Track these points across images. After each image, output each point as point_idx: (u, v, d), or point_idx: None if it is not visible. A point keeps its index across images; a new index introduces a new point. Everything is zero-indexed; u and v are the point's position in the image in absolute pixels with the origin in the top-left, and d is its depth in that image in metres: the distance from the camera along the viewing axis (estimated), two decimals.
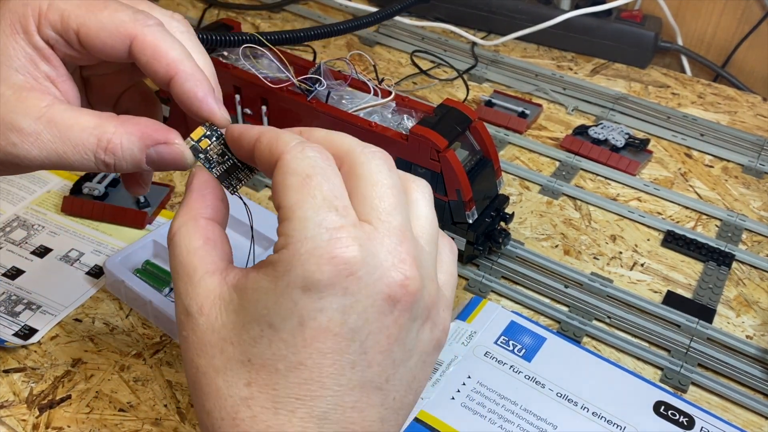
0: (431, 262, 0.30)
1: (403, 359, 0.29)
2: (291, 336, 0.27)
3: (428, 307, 0.29)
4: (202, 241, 0.30)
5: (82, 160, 0.31)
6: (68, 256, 0.53)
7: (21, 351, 0.46)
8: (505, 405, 0.43)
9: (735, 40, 0.82)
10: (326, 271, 0.26)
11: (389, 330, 0.28)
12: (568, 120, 0.71)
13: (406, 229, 0.28)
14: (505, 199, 0.54)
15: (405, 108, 0.53)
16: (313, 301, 0.26)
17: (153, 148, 0.32)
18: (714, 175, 0.65)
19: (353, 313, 0.27)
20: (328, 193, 0.27)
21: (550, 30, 0.78)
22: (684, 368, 0.47)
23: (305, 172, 0.28)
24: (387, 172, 0.29)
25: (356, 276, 0.26)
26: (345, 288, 0.26)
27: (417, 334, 0.29)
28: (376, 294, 0.27)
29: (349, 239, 0.26)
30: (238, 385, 0.28)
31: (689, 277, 0.54)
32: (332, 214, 0.27)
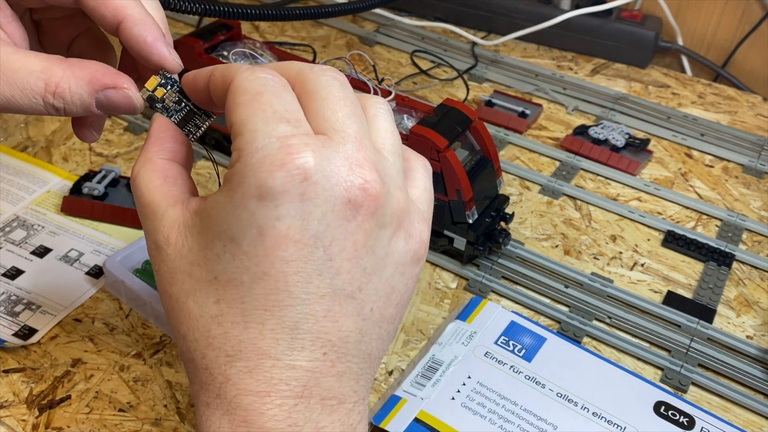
0: (395, 172, 0.30)
1: (375, 268, 0.28)
2: (252, 247, 0.27)
3: (398, 215, 0.29)
4: (162, 180, 0.31)
5: (31, 104, 0.30)
6: (68, 256, 0.53)
7: (21, 351, 0.46)
8: (505, 405, 0.43)
9: (735, 40, 0.82)
10: (278, 177, 0.26)
11: (354, 236, 0.27)
12: (569, 120, 0.71)
13: (363, 137, 0.28)
14: (505, 199, 0.54)
15: (405, 108, 0.53)
16: (269, 209, 0.26)
17: (102, 92, 0.31)
18: (714, 175, 0.65)
19: (313, 219, 0.26)
20: (278, 107, 0.27)
21: (551, 30, 0.78)
22: (684, 368, 0.47)
23: (255, 89, 0.28)
24: (339, 86, 0.29)
25: (311, 181, 0.26)
26: (301, 194, 0.26)
27: (389, 243, 0.29)
28: (335, 198, 0.27)
29: (301, 145, 0.26)
30: (208, 303, 0.28)
31: (689, 277, 0.54)
32: (283, 124, 0.27)
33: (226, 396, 0.27)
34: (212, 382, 0.28)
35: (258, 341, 0.27)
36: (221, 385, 0.28)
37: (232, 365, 0.27)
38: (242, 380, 0.27)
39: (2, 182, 0.59)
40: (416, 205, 0.31)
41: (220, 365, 0.28)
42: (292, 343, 0.27)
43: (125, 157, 0.63)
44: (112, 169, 0.58)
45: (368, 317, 0.29)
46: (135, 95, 0.32)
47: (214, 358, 0.28)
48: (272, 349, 0.27)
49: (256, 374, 0.27)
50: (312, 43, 0.79)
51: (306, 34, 0.82)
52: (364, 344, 0.29)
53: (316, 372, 0.28)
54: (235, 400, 0.27)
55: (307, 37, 0.82)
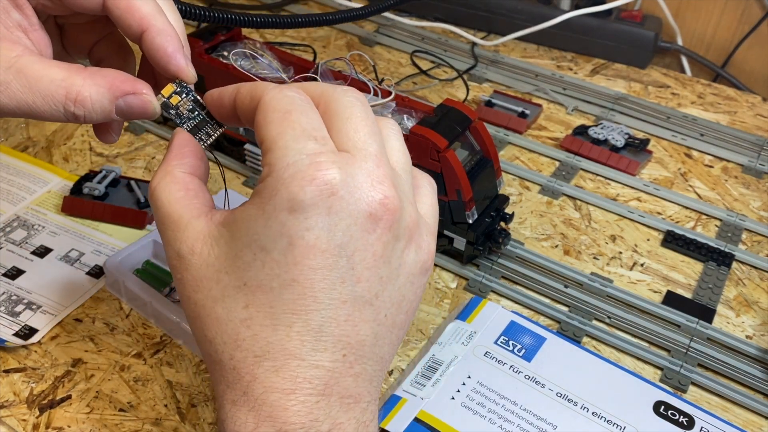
0: (408, 188, 0.32)
1: (390, 277, 0.31)
2: (282, 256, 0.28)
3: (410, 228, 0.31)
4: (183, 192, 0.32)
5: (52, 111, 0.32)
6: (68, 256, 0.53)
7: (21, 351, 0.46)
8: (505, 405, 0.43)
9: (735, 40, 0.82)
10: (309, 191, 0.28)
11: (374, 247, 0.30)
12: (568, 120, 0.71)
13: (382, 155, 0.30)
14: (505, 199, 0.54)
15: (405, 108, 0.53)
16: (299, 221, 0.28)
17: (122, 98, 0.32)
18: (714, 175, 0.65)
19: (338, 231, 0.29)
20: (306, 125, 0.29)
21: (550, 30, 0.78)
22: (684, 368, 0.47)
23: (284, 108, 0.30)
24: (360, 106, 0.31)
25: (338, 195, 0.28)
26: (328, 207, 0.28)
27: (401, 254, 0.31)
28: (359, 212, 0.29)
29: (328, 162, 0.28)
30: (237, 309, 0.30)
31: (689, 277, 0.54)
32: (311, 142, 0.29)
33: (253, 393, 0.29)
34: (239, 381, 0.29)
35: (285, 342, 0.29)
36: (248, 384, 0.29)
37: (260, 365, 0.29)
38: (269, 378, 0.29)
39: (3, 182, 0.59)
40: (425, 220, 0.33)
41: (249, 365, 0.29)
42: (316, 345, 0.29)
43: (125, 157, 0.63)
44: (113, 169, 0.58)
45: (383, 323, 0.31)
46: (153, 101, 0.33)
47: (242, 359, 0.29)
48: (298, 349, 0.29)
49: (283, 373, 0.29)
50: (312, 44, 0.79)
51: (306, 35, 0.82)
52: (378, 348, 0.31)
53: (336, 372, 0.29)
54: (262, 397, 0.29)
55: (307, 37, 0.82)
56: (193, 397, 0.44)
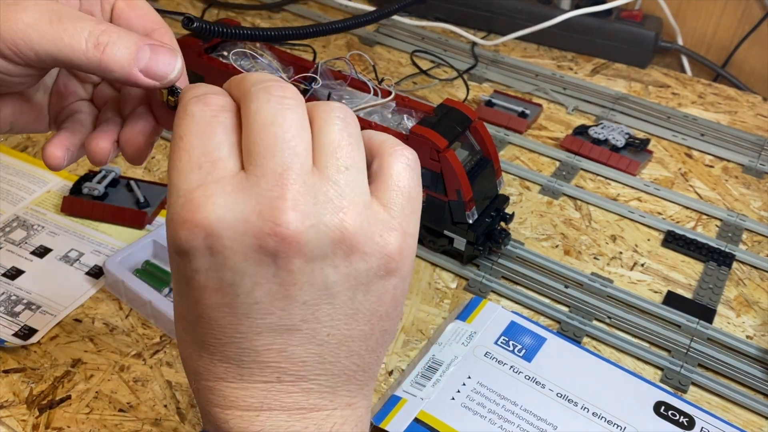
0: (339, 191, 0.27)
1: (320, 297, 0.28)
2: (186, 294, 0.28)
3: (337, 240, 0.27)
4: None
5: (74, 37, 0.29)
6: (68, 256, 0.53)
7: (21, 351, 0.46)
8: (505, 405, 0.43)
9: (735, 39, 0.82)
10: (183, 236, 0.26)
11: (279, 277, 0.27)
12: (569, 120, 0.71)
13: (288, 167, 0.26)
14: (505, 199, 0.54)
15: (405, 108, 0.53)
16: (185, 263, 0.27)
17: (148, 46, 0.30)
18: (714, 175, 0.65)
19: (226, 270, 0.26)
20: (197, 149, 0.27)
21: (550, 30, 0.78)
22: (684, 368, 0.47)
23: (179, 133, 0.28)
24: (273, 106, 0.27)
25: (215, 235, 0.26)
26: (209, 247, 0.26)
27: (335, 271, 0.27)
28: (246, 247, 0.26)
29: (202, 198, 0.26)
30: (179, 328, 0.30)
31: (689, 278, 0.54)
32: (194, 173, 0.26)
33: (199, 403, 0.30)
34: (192, 389, 0.30)
35: (211, 367, 0.29)
36: (195, 395, 0.30)
37: (198, 382, 0.30)
38: (206, 395, 0.29)
39: (2, 182, 0.59)
40: (381, 215, 0.28)
41: (192, 379, 0.30)
42: (240, 371, 0.28)
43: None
44: (112, 169, 0.58)
45: (326, 341, 0.29)
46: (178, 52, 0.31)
47: (188, 372, 0.30)
48: (224, 374, 0.29)
49: (216, 392, 0.29)
50: (312, 43, 0.79)
51: None
52: (330, 364, 0.29)
53: (273, 391, 0.29)
54: (205, 408, 0.30)
55: None
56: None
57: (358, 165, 0.28)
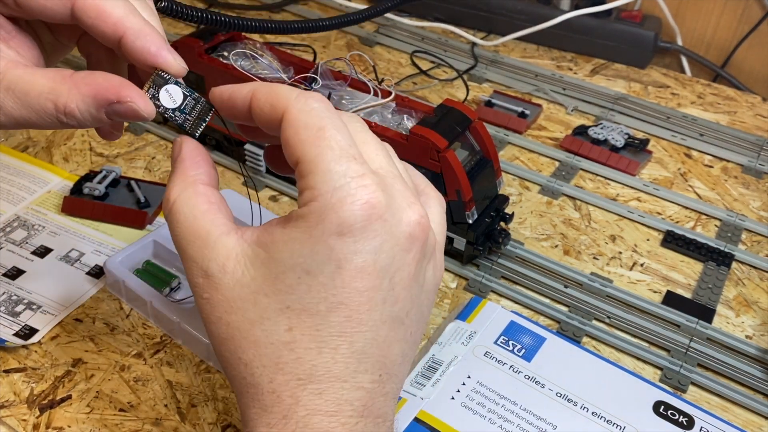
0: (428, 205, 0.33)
1: (418, 295, 0.31)
2: (330, 279, 0.28)
3: (433, 246, 0.32)
4: (207, 206, 0.31)
5: (48, 123, 0.31)
6: (68, 256, 0.53)
7: (21, 351, 0.46)
8: (504, 405, 0.43)
9: (735, 40, 0.82)
10: (359, 216, 0.28)
11: (410, 267, 0.30)
12: (568, 120, 0.71)
13: (401, 176, 0.31)
14: (505, 199, 0.54)
15: (405, 108, 0.53)
16: (347, 245, 0.28)
17: (109, 107, 0.31)
18: (713, 175, 0.65)
19: (382, 253, 0.29)
20: (343, 143, 0.29)
21: (550, 30, 0.78)
22: (684, 368, 0.47)
23: (316, 124, 0.29)
24: (369, 131, 0.31)
25: (383, 218, 0.28)
26: (375, 230, 0.28)
27: (425, 273, 0.31)
28: (400, 233, 0.29)
29: (373, 185, 0.28)
30: (279, 331, 0.29)
31: (689, 277, 0.54)
32: (353, 163, 0.28)
33: (294, 416, 0.29)
34: (279, 404, 0.29)
35: (330, 365, 0.29)
36: (290, 407, 0.29)
37: (303, 388, 0.29)
38: (313, 401, 0.29)
39: (3, 182, 0.59)
40: (438, 237, 0.33)
41: (291, 388, 0.29)
42: (358, 366, 0.29)
43: (126, 157, 0.63)
44: (113, 169, 0.58)
45: (409, 341, 0.31)
46: (141, 106, 0.31)
47: (284, 382, 0.29)
48: (342, 372, 0.29)
49: (327, 395, 0.29)
50: (312, 44, 0.79)
51: (306, 35, 0.82)
52: (404, 366, 0.31)
53: (373, 393, 0.29)
54: (304, 420, 0.28)
55: (307, 37, 0.82)
56: (193, 397, 0.44)
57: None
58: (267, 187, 0.61)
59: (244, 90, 0.31)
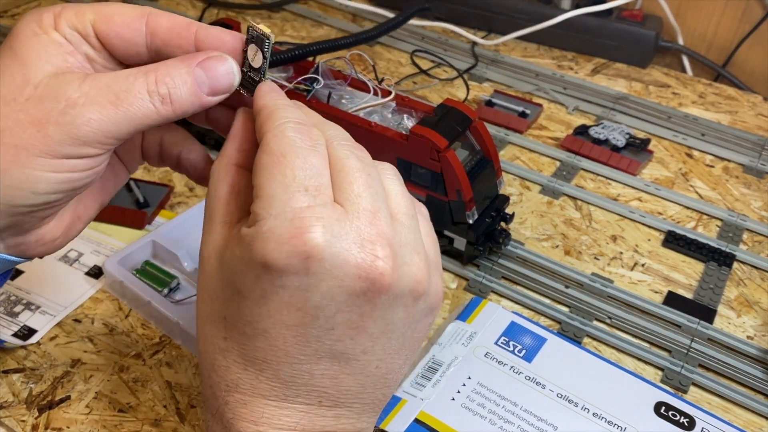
0: (413, 235, 0.30)
1: (384, 331, 0.29)
2: (255, 305, 0.28)
3: (417, 280, 0.29)
4: (228, 189, 0.31)
5: (138, 101, 0.29)
6: (67, 256, 0.53)
7: (20, 351, 0.46)
8: (505, 406, 0.43)
9: (736, 39, 0.82)
10: (285, 251, 0.26)
11: (362, 308, 0.28)
12: (569, 120, 0.71)
13: (378, 209, 0.28)
14: (506, 199, 0.54)
15: (405, 108, 0.53)
16: (273, 278, 0.27)
17: (198, 66, 0.31)
18: (715, 175, 0.65)
19: (316, 292, 0.27)
20: (300, 172, 0.28)
21: (551, 30, 0.78)
22: (685, 369, 0.47)
23: (280, 151, 0.28)
24: (356, 158, 0.29)
25: (317, 258, 0.27)
26: (306, 268, 0.27)
27: (405, 309, 0.29)
28: (344, 275, 0.27)
29: (312, 219, 0.27)
30: (217, 336, 0.29)
31: (690, 278, 0.54)
32: (300, 194, 0.27)
33: (224, 417, 0.29)
34: (214, 400, 0.30)
35: (255, 382, 0.29)
36: (220, 407, 0.30)
37: (230, 395, 0.29)
38: (237, 408, 0.29)
39: None
40: (430, 258, 0.31)
41: (221, 390, 0.29)
42: (286, 392, 0.29)
43: None
44: None
45: (373, 373, 0.30)
46: (229, 57, 0.31)
47: (216, 383, 0.30)
48: (267, 392, 0.29)
49: (251, 407, 0.29)
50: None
51: (306, 34, 0.82)
52: (366, 395, 0.30)
53: (311, 413, 0.29)
54: (231, 422, 0.29)
55: (307, 36, 0.82)
56: (192, 398, 0.44)
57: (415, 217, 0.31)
58: None
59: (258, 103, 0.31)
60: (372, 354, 0.29)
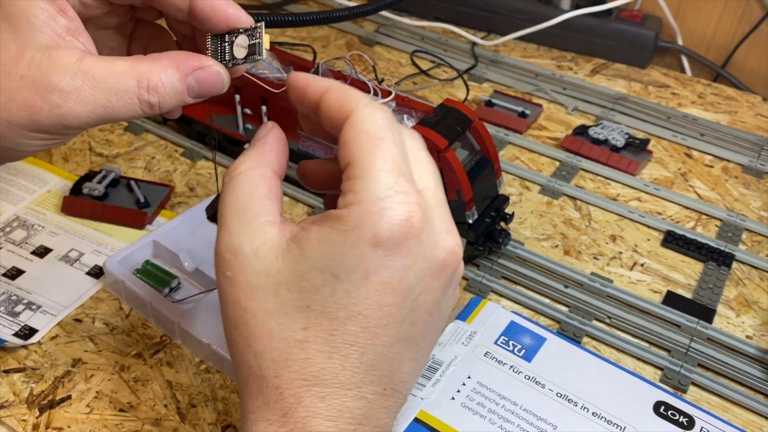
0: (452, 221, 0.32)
1: (436, 320, 0.31)
2: (354, 287, 0.28)
3: (460, 275, 0.32)
4: (267, 190, 0.31)
5: (127, 105, 0.31)
6: (68, 256, 0.53)
7: (21, 351, 0.46)
8: (505, 405, 0.43)
9: (735, 40, 0.82)
10: (396, 231, 0.28)
11: (435, 292, 0.30)
12: (569, 120, 0.71)
13: (446, 202, 0.31)
14: (505, 199, 0.54)
15: (405, 108, 0.53)
16: (379, 257, 0.28)
17: (191, 76, 0.32)
18: (714, 175, 0.65)
19: (411, 273, 0.29)
20: (398, 158, 0.29)
21: (550, 30, 0.78)
22: (684, 368, 0.47)
23: (377, 133, 0.29)
24: (426, 150, 0.32)
25: (419, 239, 0.28)
26: (408, 249, 0.28)
27: (447, 299, 0.32)
28: (432, 258, 0.29)
29: (415, 204, 0.28)
30: (294, 328, 0.29)
31: (689, 277, 0.54)
32: (402, 179, 0.29)
33: (294, 416, 0.29)
34: (281, 401, 0.29)
35: (338, 371, 0.29)
36: (291, 406, 0.29)
37: (308, 389, 0.29)
38: (314, 404, 0.29)
39: (2, 182, 0.59)
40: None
41: (295, 387, 0.29)
42: (365, 377, 0.29)
43: (125, 157, 0.63)
44: (113, 169, 0.58)
45: (420, 362, 0.31)
46: (222, 71, 0.33)
47: (289, 380, 0.29)
48: (348, 380, 0.29)
49: (329, 400, 0.29)
50: (312, 43, 0.79)
51: (306, 34, 0.82)
52: (410, 384, 0.32)
53: (374, 404, 0.30)
54: (303, 421, 0.29)
55: (307, 37, 0.82)
56: (192, 398, 0.44)
57: None
58: None
59: (319, 83, 0.31)
60: (426, 341, 0.31)
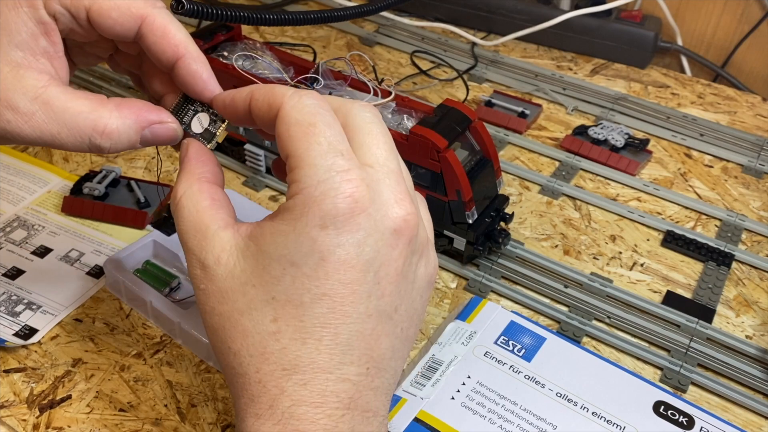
0: (418, 201, 0.33)
1: (407, 291, 0.31)
2: (313, 270, 0.29)
3: (423, 243, 0.32)
4: (209, 202, 0.32)
5: (75, 142, 0.32)
6: (68, 256, 0.53)
7: (21, 351, 0.46)
8: (504, 405, 0.43)
9: (735, 40, 0.82)
10: (341, 208, 0.28)
11: (396, 262, 0.30)
12: (568, 120, 0.71)
13: (400, 171, 0.31)
14: (505, 199, 0.54)
15: (405, 108, 0.53)
16: (330, 237, 0.29)
17: (148, 129, 0.33)
18: (714, 175, 0.65)
19: (366, 246, 0.29)
20: (332, 138, 0.30)
21: (550, 30, 0.78)
22: (684, 368, 0.47)
23: (307, 120, 0.30)
24: (379, 123, 0.32)
25: (367, 212, 0.29)
26: (358, 224, 0.29)
27: (416, 269, 0.32)
28: (384, 228, 0.30)
29: (358, 180, 0.29)
30: (265, 322, 0.30)
31: (689, 277, 0.54)
32: (339, 158, 0.29)
33: (280, 407, 0.29)
34: (265, 394, 0.29)
35: (314, 356, 0.29)
36: (275, 397, 0.29)
37: (288, 378, 0.29)
38: (297, 392, 0.29)
39: (3, 182, 0.59)
40: (429, 234, 0.34)
41: (276, 378, 0.29)
42: (343, 358, 0.29)
43: (125, 157, 0.63)
44: (113, 169, 0.58)
45: (399, 336, 0.31)
46: (177, 127, 0.34)
47: (269, 372, 0.29)
48: (326, 363, 0.29)
49: (311, 386, 0.29)
50: (312, 44, 0.79)
51: (306, 35, 0.82)
52: (394, 361, 0.32)
53: (360, 385, 0.30)
54: (289, 410, 0.29)
55: (307, 37, 0.82)
56: (193, 397, 0.44)
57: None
58: (267, 187, 0.61)
59: (243, 92, 0.33)
60: (399, 314, 0.31)
